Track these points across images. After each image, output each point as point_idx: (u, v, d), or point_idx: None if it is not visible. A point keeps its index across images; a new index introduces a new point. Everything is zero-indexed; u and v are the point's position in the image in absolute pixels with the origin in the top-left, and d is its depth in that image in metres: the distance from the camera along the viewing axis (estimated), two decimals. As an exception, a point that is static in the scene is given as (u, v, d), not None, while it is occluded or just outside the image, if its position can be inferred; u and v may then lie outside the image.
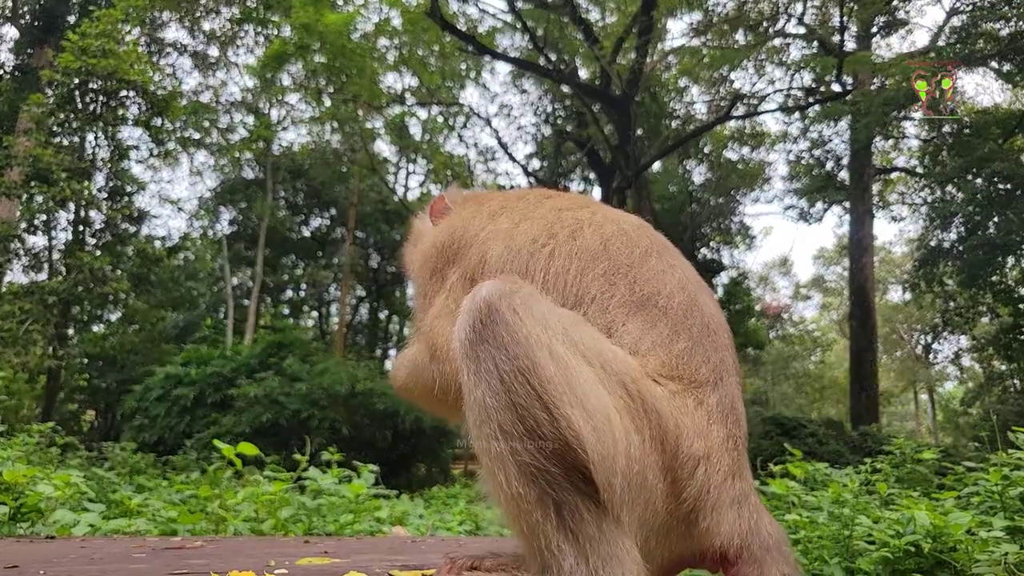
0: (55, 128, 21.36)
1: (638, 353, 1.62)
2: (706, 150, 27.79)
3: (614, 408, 1.44)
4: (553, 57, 23.13)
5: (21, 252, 22.02)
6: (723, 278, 30.23)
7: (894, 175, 25.21)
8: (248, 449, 5.25)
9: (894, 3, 19.44)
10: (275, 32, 28.70)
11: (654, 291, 1.71)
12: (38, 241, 23.01)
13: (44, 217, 22.25)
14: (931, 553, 3.43)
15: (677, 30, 56.63)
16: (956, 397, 36.67)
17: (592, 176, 28.33)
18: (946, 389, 43.59)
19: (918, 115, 18.81)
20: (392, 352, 33.56)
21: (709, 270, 28.97)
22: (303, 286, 36.14)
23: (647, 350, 1.63)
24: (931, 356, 36.83)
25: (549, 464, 1.37)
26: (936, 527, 3.48)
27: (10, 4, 25.90)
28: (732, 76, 22.73)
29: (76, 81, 20.84)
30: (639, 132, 23.01)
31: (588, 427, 1.38)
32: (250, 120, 32.00)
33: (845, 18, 18.83)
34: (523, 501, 1.38)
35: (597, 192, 26.37)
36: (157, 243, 29.80)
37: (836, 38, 19.53)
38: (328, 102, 29.57)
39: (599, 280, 1.72)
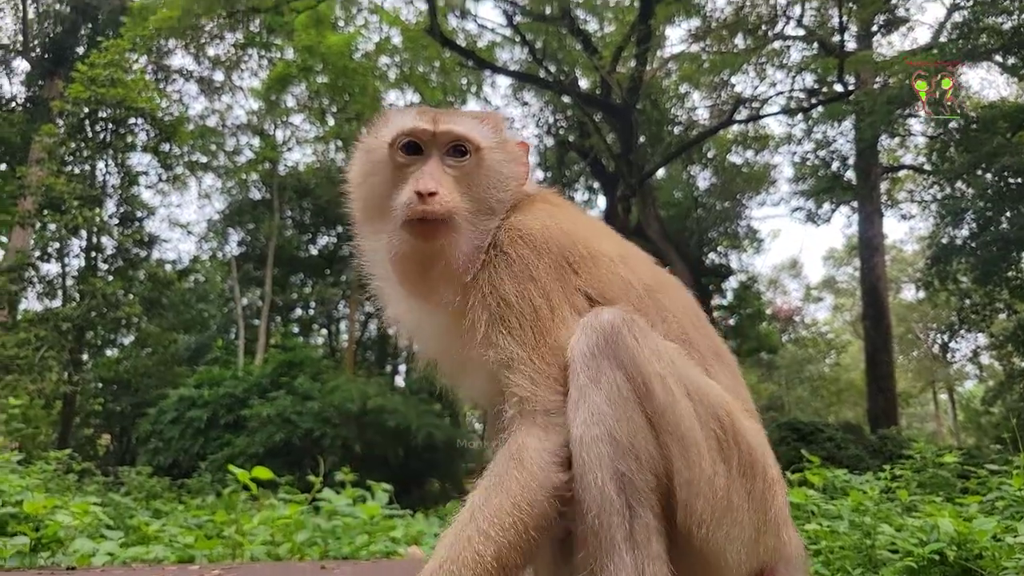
0: (66, 157, 21.58)
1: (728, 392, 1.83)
2: (710, 155, 27.74)
3: (705, 441, 1.63)
4: (553, 69, 23.20)
5: (35, 280, 22.19)
6: (732, 282, 30.13)
7: (902, 173, 25.07)
8: (262, 474, 5.25)
9: (893, 1, 19.40)
10: (278, 55, 28.94)
11: (719, 345, 1.99)
12: (52, 268, 23.19)
13: (57, 245, 22.44)
14: (956, 561, 3.38)
15: (676, 37, 56.68)
16: (977, 396, 36.29)
17: (596, 185, 28.33)
18: (966, 388, 43.13)
19: (922, 114, 18.74)
20: (402, 368, 33.51)
21: (718, 275, 28.87)
22: (312, 304, 36.21)
23: (730, 391, 1.85)
24: (949, 355, 36.45)
25: (640, 479, 1.54)
26: (961, 534, 3.43)
27: (21, 38, 26.20)
28: (733, 80, 22.74)
29: (86, 110, 21.07)
30: (641, 140, 23.02)
31: (681, 457, 1.58)
32: (256, 142, 32.22)
33: (844, 18, 18.81)
34: (608, 503, 1.53)
35: (602, 201, 26.38)
36: (168, 267, 30.00)
37: (836, 38, 19.50)
38: (332, 121, 29.73)
39: (691, 328, 1.91)
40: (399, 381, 32.57)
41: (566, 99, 24.38)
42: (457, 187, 1.87)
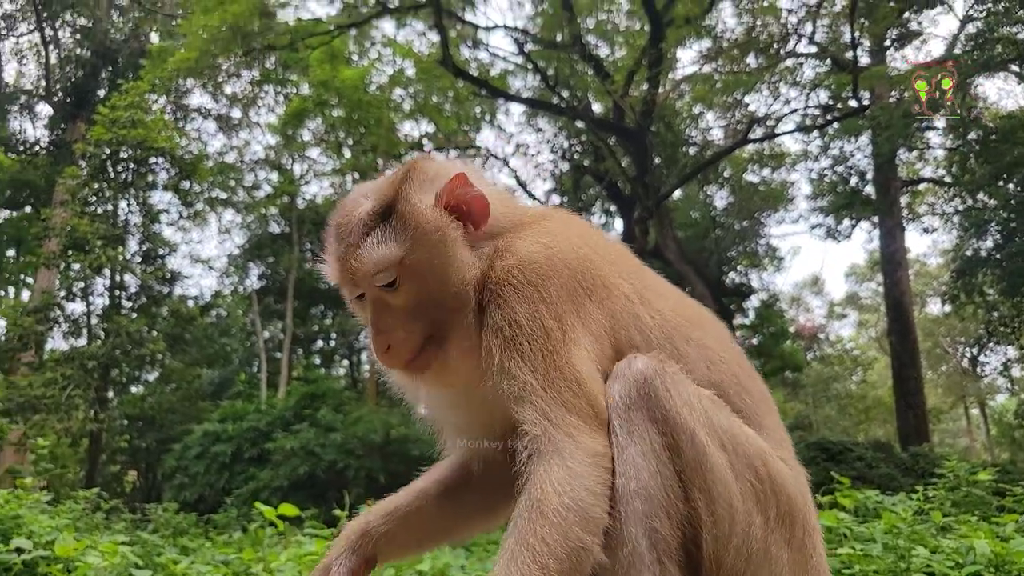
0: (89, 198, 21.99)
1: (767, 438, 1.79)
2: (726, 174, 27.71)
3: (739, 493, 1.60)
4: (566, 94, 23.36)
5: (61, 319, 22.51)
6: (754, 301, 29.92)
7: (922, 186, 24.86)
8: (288, 511, 5.25)
9: (906, 15, 19.38)
10: (294, 91, 29.42)
11: (761, 387, 1.93)
12: (77, 308, 23.53)
13: (82, 284, 22.79)
14: (994, 582, 3.30)
15: (687, 58, 56.86)
16: (1009, 410, 35.57)
17: (613, 208, 28.36)
18: (998, 402, 42.33)
19: (941, 122, 18.63)
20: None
21: (738, 294, 28.69)
22: (333, 336, 36.41)
23: (773, 437, 1.82)
24: (979, 369, 35.86)
25: (671, 535, 1.53)
26: (998, 555, 3.36)
27: (44, 83, 26.83)
28: (746, 99, 22.74)
29: (108, 152, 21.49)
30: (657, 161, 23.04)
31: (708, 512, 1.56)
32: (274, 176, 32.67)
33: (857, 34, 18.80)
34: (639, 559, 1.51)
35: (619, 224, 26.38)
36: (190, 302, 30.35)
37: (849, 54, 19.48)
38: (348, 154, 30.09)
39: (740, 372, 1.88)
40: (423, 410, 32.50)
41: (580, 124, 24.52)
42: (408, 311, 1.73)
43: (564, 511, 1.47)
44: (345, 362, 38.33)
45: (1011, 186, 17.40)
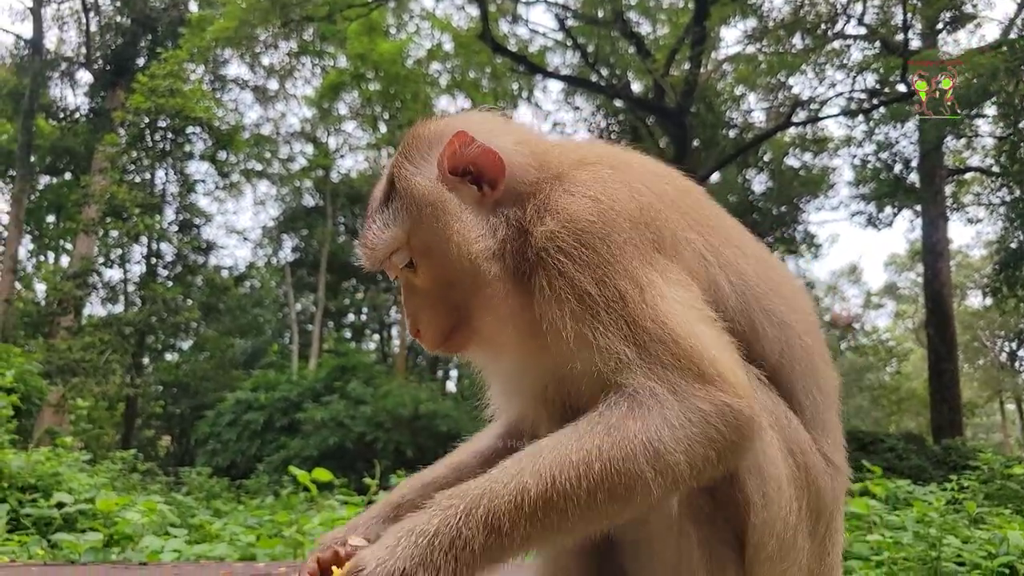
0: (128, 166, 22.31)
1: (813, 429, 1.66)
2: (766, 158, 27.27)
3: (787, 477, 1.50)
4: (605, 72, 23.10)
5: (99, 285, 22.96)
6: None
7: (968, 175, 24.24)
8: (322, 475, 5.33)
9: (960, -3, 18.82)
10: (331, 63, 29.48)
11: (832, 379, 1.75)
12: (114, 275, 24.02)
13: (120, 251, 23.22)
14: (1030, 575, 3.25)
15: (731, 38, 56.05)
16: (1045, 405, 34.96)
17: (649, 190, 28.06)
18: (1034, 397, 41.56)
19: (992, 111, 18.13)
20: (453, 373, 33.70)
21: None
22: (364, 310, 36.75)
23: (819, 429, 1.68)
24: (1017, 363, 35.16)
25: (718, 514, 1.45)
26: (1034, 547, 3.30)
27: (84, 51, 27.18)
28: (791, 81, 22.30)
29: (146, 120, 21.75)
30: (696, 143, 22.74)
31: (759, 494, 1.44)
32: (309, 149, 32.88)
33: (908, 15, 18.29)
34: (687, 539, 1.45)
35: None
36: (224, 272, 30.82)
37: (899, 37, 18.98)
38: (384, 128, 30.14)
39: (804, 357, 1.68)
40: (450, 386, 32.77)
41: (619, 103, 24.27)
42: (431, 292, 1.60)
43: (635, 437, 1.27)
44: (376, 336, 38.70)
45: (1061, 177, 16.94)
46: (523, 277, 1.51)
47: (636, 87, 24.07)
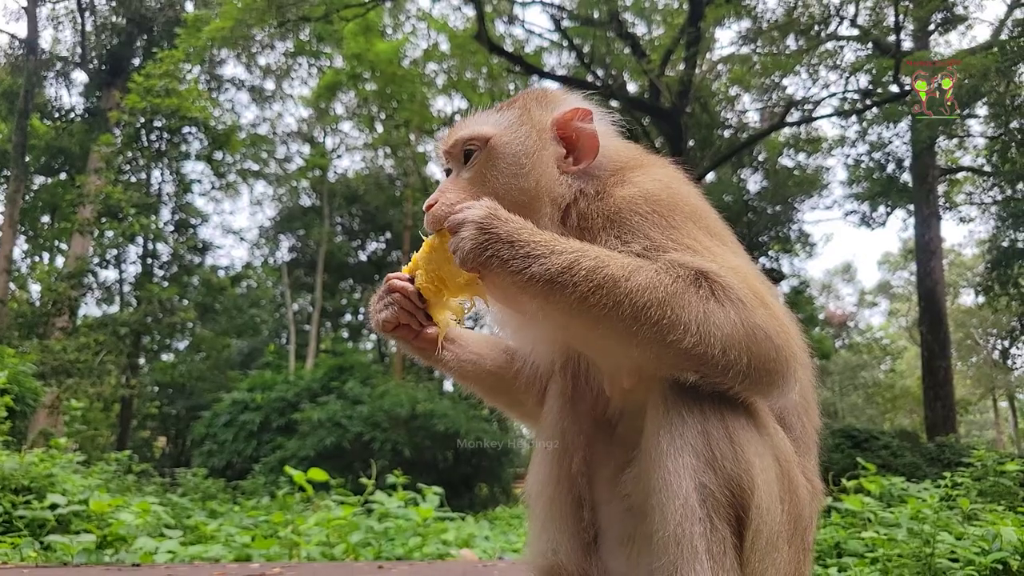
0: (123, 166, 22.25)
1: (798, 449, 1.77)
2: (760, 158, 27.32)
3: (775, 475, 1.60)
4: (601, 73, 23.10)
5: (95, 286, 22.90)
6: (784, 287, 29.61)
7: (960, 175, 24.34)
8: (318, 475, 5.34)
9: (951, -1, 18.89)
10: (327, 63, 29.46)
11: (815, 405, 1.90)
12: (110, 275, 23.97)
13: (115, 251, 23.17)
14: (1020, 571, 3.28)
15: (726, 39, 56.22)
16: (1038, 403, 35.08)
17: (645, 189, 28.08)
18: (1027, 395, 41.74)
19: (983, 111, 18.20)
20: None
21: (769, 279, 28.38)
22: (361, 310, 36.71)
23: (803, 451, 1.80)
24: (1009, 361, 35.27)
25: (720, 492, 1.51)
26: (1025, 543, 3.33)
27: (79, 51, 27.12)
28: (785, 82, 22.33)
29: (142, 120, 21.71)
30: (691, 143, 22.77)
31: (762, 477, 1.54)
32: (306, 149, 32.87)
33: (900, 17, 18.36)
34: (689, 510, 1.50)
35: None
36: (221, 273, 30.81)
37: (892, 38, 19.04)
38: (380, 128, 30.13)
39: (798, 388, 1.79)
40: (447, 386, 32.76)
41: (615, 103, 24.28)
42: (470, 188, 1.79)
43: (697, 303, 1.48)
44: (373, 336, 38.66)
45: (1053, 176, 17.01)
46: (582, 233, 1.72)
47: (632, 87, 24.08)
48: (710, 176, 25.63)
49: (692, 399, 1.55)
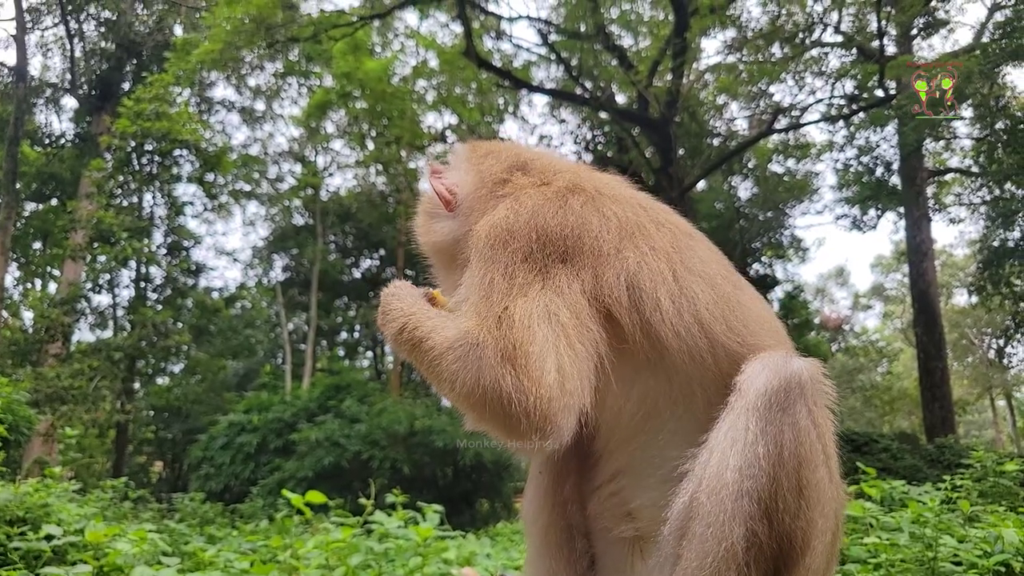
0: (115, 190, 22.23)
1: None
2: (750, 165, 27.48)
3: (832, 536, 1.58)
4: (589, 85, 23.23)
5: (88, 311, 22.81)
6: (778, 292, 29.68)
7: (948, 176, 24.49)
8: (316, 497, 5.30)
9: (933, 3, 19.06)
10: (317, 82, 29.55)
11: None
12: (103, 300, 23.87)
13: (108, 276, 23.08)
14: (1023, 572, 3.27)
15: (712, 48, 56.55)
16: (1035, 401, 35.16)
17: (637, 199, 28.14)
18: (1024, 393, 41.85)
19: (965, 115, 18.34)
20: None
21: (763, 285, 28.48)
22: (357, 327, 36.63)
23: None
24: (1005, 360, 35.38)
25: (767, 543, 1.47)
26: (1027, 545, 3.33)
27: (69, 76, 27.15)
28: (771, 89, 22.50)
29: (133, 144, 21.71)
30: (681, 152, 22.87)
31: (818, 540, 1.52)
32: (297, 169, 32.87)
33: (883, 22, 18.52)
34: (731, 554, 1.46)
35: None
36: (215, 294, 30.73)
37: (875, 43, 19.21)
38: (372, 145, 30.19)
39: None
40: (446, 401, 32.65)
41: (603, 115, 24.40)
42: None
43: (447, 357, 1.66)
44: (369, 353, 38.56)
45: (1040, 176, 17.13)
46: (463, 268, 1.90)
47: (620, 99, 24.21)
48: (701, 184, 25.74)
49: (774, 432, 1.51)
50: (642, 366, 1.72)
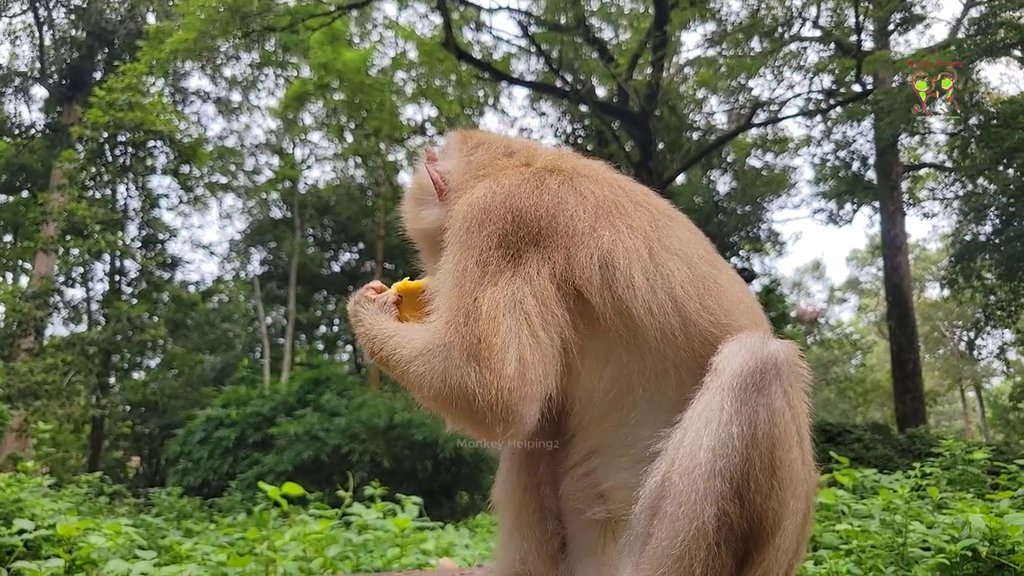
0: (87, 182, 21.88)
1: None
2: (729, 159, 27.63)
3: (803, 517, 1.59)
4: (569, 78, 23.23)
5: (61, 305, 22.48)
6: (756, 286, 29.93)
7: (923, 171, 24.82)
8: (293, 489, 5.28)
9: (909, -1, 19.28)
10: (295, 73, 29.27)
11: None
12: (76, 293, 23.54)
13: (81, 270, 22.76)
14: (989, 557, 3.34)
15: (692, 42, 56.75)
16: (1004, 392, 35.79)
17: (616, 193, 28.18)
18: (993, 385, 42.61)
19: (944, 108, 18.57)
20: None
21: (741, 279, 28.68)
22: (336, 321, 36.45)
23: None
24: (975, 352, 35.98)
25: (737, 523, 1.47)
26: (993, 530, 3.39)
27: (38, 65, 26.69)
28: (750, 84, 22.63)
29: (105, 135, 21.37)
30: (660, 146, 22.96)
31: (789, 521, 1.52)
32: (275, 161, 32.59)
33: (861, 18, 18.69)
34: (701, 533, 1.46)
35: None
36: (191, 288, 30.39)
37: (853, 38, 19.39)
38: (350, 138, 30.00)
39: None
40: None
41: (583, 108, 24.41)
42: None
43: (415, 360, 1.73)
44: (348, 347, 38.40)
45: (1011, 171, 17.39)
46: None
47: (600, 92, 24.23)
48: (680, 178, 25.85)
49: (749, 412, 1.51)
50: (615, 344, 1.72)
